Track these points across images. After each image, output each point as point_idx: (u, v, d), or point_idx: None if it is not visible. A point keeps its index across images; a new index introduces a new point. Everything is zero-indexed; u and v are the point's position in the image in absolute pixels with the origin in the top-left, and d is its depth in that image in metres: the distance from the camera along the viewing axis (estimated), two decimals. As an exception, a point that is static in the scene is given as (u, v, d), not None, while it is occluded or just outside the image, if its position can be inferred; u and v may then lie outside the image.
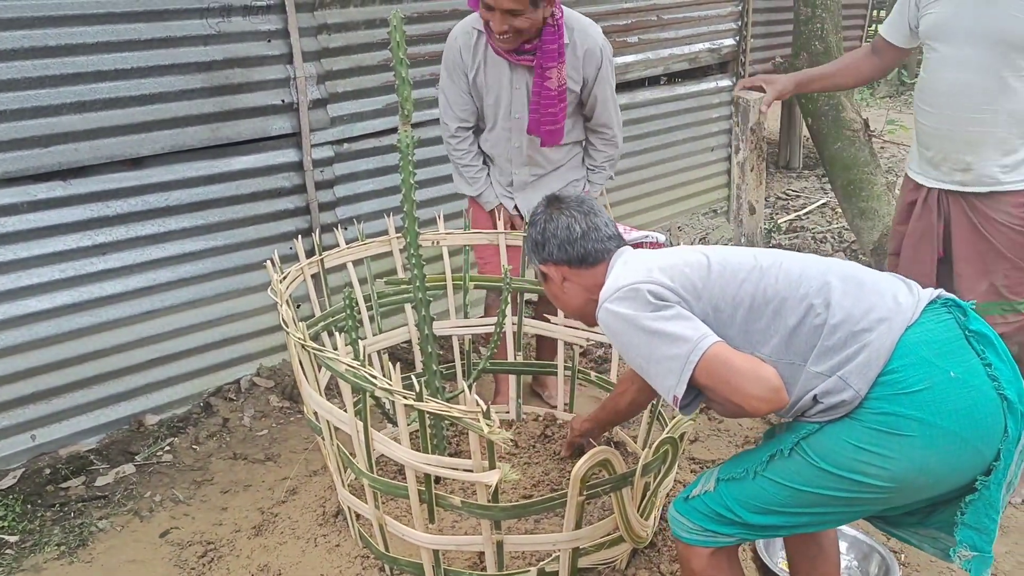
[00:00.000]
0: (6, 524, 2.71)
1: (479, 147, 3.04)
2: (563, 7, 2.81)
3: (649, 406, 2.68)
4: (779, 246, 5.04)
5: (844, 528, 2.41)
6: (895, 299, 1.62)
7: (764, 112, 2.60)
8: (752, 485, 1.73)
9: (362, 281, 2.91)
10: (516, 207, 3.07)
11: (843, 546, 2.43)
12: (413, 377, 2.80)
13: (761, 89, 2.64)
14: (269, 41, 3.31)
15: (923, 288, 1.70)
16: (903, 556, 2.50)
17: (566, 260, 1.92)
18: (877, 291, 1.64)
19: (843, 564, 2.38)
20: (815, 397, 1.61)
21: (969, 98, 2.50)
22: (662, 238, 2.39)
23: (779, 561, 2.42)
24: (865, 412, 1.57)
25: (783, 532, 1.83)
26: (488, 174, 3.05)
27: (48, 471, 2.97)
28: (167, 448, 3.13)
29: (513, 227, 3.06)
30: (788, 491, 1.69)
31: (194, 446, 3.15)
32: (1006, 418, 1.56)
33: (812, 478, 1.65)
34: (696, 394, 1.67)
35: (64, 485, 2.93)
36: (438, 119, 3.06)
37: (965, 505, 1.63)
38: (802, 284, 1.66)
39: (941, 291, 1.69)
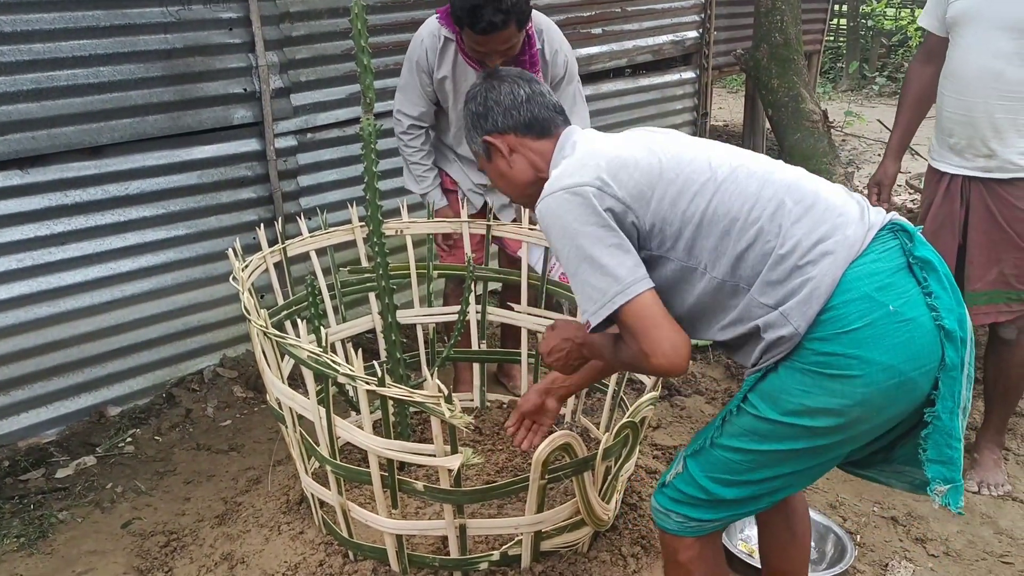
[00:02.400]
0: (-36, 516, 2.68)
1: (432, 147, 3.04)
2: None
3: (611, 393, 2.71)
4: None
5: (801, 509, 2.46)
6: (844, 230, 1.58)
7: None
8: (712, 454, 1.71)
9: (326, 272, 2.91)
10: (486, 203, 3.09)
11: (800, 527, 2.47)
12: (376, 364, 2.80)
13: None
14: (231, 29, 3.29)
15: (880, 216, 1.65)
16: (858, 537, 2.56)
17: (512, 127, 1.81)
18: (829, 218, 1.60)
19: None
20: (759, 328, 1.59)
21: (996, 84, 2.55)
22: None
23: (738, 543, 2.47)
24: (805, 352, 1.55)
25: (763, 502, 1.77)
26: (436, 175, 3.05)
27: (7, 463, 2.93)
28: (129, 439, 3.11)
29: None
30: (744, 455, 1.66)
31: (156, 437, 3.13)
32: (944, 348, 1.55)
33: (766, 433, 1.63)
34: (609, 320, 1.63)
35: (23, 477, 2.90)
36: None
37: (924, 441, 1.61)
38: (756, 205, 1.61)
39: (893, 214, 1.65)
